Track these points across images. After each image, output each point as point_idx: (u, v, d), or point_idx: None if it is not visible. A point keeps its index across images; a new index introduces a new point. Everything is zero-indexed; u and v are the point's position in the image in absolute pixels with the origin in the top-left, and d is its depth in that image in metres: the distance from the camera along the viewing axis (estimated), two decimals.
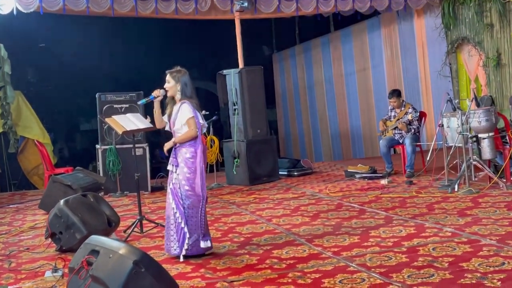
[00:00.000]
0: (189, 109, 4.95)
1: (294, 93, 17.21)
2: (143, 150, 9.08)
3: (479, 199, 6.52)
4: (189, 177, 4.93)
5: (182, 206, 4.92)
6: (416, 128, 8.82)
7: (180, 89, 5.03)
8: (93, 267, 3.49)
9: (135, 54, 18.37)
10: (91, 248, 3.64)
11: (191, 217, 4.94)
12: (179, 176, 4.95)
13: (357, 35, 14.07)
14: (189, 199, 4.94)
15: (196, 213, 4.95)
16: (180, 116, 4.97)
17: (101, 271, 3.44)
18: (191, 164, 4.94)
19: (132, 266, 3.38)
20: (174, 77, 5.06)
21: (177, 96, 5.05)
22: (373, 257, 4.54)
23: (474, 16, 10.68)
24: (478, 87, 10.87)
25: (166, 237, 5.06)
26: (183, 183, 4.93)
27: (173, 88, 5.05)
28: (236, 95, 9.42)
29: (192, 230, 4.92)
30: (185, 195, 4.93)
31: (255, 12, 10.34)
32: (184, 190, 4.93)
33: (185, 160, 4.95)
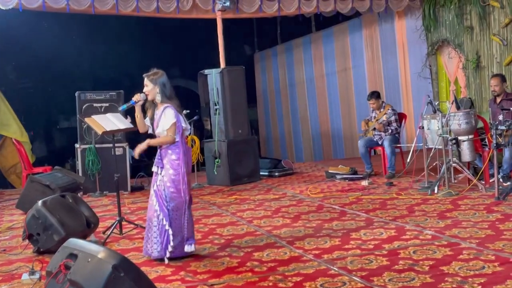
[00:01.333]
0: (172, 114, 4.90)
1: (276, 93, 17.21)
2: (123, 149, 9.00)
3: (458, 201, 6.56)
4: (174, 179, 4.89)
5: (166, 208, 4.87)
6: (394, 129, 8.85)
7: (159, 91, 4.99)
8: (71, 271, 3.43)
9: (116, 53, 18.22)
10: (69, 252, 3.57)
11: (175, 219, 4.90)
12: (164, 178, 4.92)
13: (338, 36, 14.11)
14: (173, 201, 4.90)
15: (180, 215, 4.91)
16: (163, 121, 4.93)
17: (80, 275, 3.39)
18: (176, 166, 4.91)
19: (111, 271, 3.32)
20: (151, 80, 5.01)
21: (157, 98, 5.01)
22: (354, 260, 4.54)
23: (454, 19, 10.75)
24: (458, 89, 10.95)
25: (145, 240, 5.01)
26: (168, 185, 4.89)
27: (152, 91, 5.00)
28: (217, 95, 9.38)
29: (176, 233, 4.88)
30: (169, 197, 4.89)
31: (237, 11, 10.29)
32: (169, 192, 4.89)
33: (170, 162, 4.92)
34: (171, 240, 4.85)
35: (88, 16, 10.59)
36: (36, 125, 18.73)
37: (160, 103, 5.00)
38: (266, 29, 17.30)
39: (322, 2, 10.65)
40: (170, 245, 4.85)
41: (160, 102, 5.00)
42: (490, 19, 10.04)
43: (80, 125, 9.06)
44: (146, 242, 5.01)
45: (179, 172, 4.91)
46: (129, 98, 5.19)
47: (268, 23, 16.40)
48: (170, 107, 4.95)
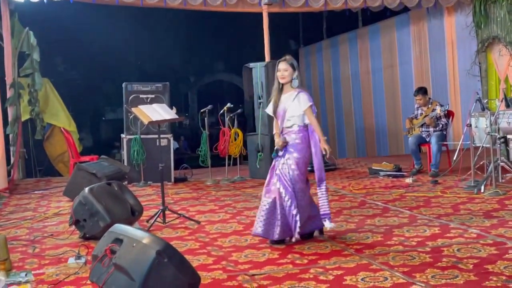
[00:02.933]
0: (308, 98, 5.07)
1: (320, 88, 17.13)
2: (167, 140, 9.12)
3: (505, 201, 6.41)
4: (298, 162, 5.02)
5: (292, 190, 5.01)
6: (444, 124, 8.71)
7: (296, 76, 5.10)
8: (117, 256, 3.50)
9: (162, 45, 18.45)
10: (115, 237, 3.65)
11: (300, 200, 5.04)
12: (288, 161, 5.04)
13: (385, 31, 13.94)
14: (298, 183, 5.03)
15: (304, 196, 5.07)
16: (297, 104, 5.06)
17: (124, 259, 3.45)
18: (300, 149, 5.05)
19: (155, 256, 3.38)
20: (291, 65, 5.11)
21: (293, 83, 5.11)
22: (396, 256, 4.49)
23: (506, 15, 10.48)
24: (508, 87, 10.69)
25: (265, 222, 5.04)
26: (293, 167, 5.02)
27: (290, 75, 5.09)
28: (261, 89, 9.40)
29: (302, 212, 5.02)
30: (294, 179, 5.02)
31: (283, 5, 10.29)
32: (294, 174, 5.02)
33: (295, 145, 5.05)
34: (298, 221, 4.97)
35: (136, 9, 10.77)
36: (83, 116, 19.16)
37: (294, 88, 5.11)
38: (312, 24, 17.23)
39: None
40: (298, 225, 4.96)
41: (295, 87, 5.11)
42: None
43: (127, 115, 9.22)
44: (266, 224, 5.03)
45: (302, 155, 5.04)
46: (174, 90, 5.26)
47: (314, 18, 16.31)
48: (304, 92, 5.11)
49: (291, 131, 5.10)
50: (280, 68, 5.11)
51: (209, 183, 9.05)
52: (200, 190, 8.47)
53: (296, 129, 5.09)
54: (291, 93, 5.11)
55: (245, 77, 9.79)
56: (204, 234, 5.58)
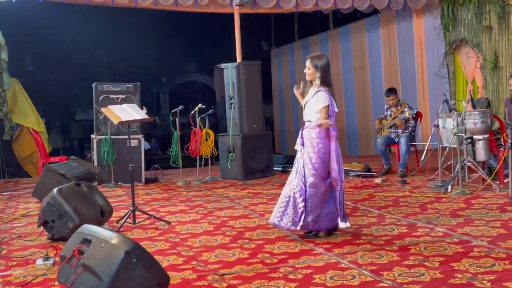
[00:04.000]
0: (325, 98, 5.13)
1: (291, 89, 17.11)
2: (138, 141, 9.08)
3: (472, 201, 6.54)
4: (312, 157, 5.11)
5: (303, 184, 5.11)
6: (412, 126, 8.85)
7: (319, 76, 5.17)
8: (85, 256, 3.49)
9: (134, 45, 18.33)
10: (83, 237, 3.63)
11: (311, 196, 5.10)
12: (304, 155, 5.15)
13: (356, 33, 14.08)
14: (311, 178, 5.09)
15: (316, 192, 5.11)
16: (314, 102, 5.16)
17: (93, 260, 3.44)
18: (316, 144, 5.13)
19: (124, 256, 3.37)
20: (314, 64, 5.20)
21: (316, 82, 5.20)
22: (364, 255, 4.55)
23: (473, 18, 10.69)
24: (475, 89, 10.89)
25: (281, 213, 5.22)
26: (307, 162, 5.12)
27: (312, 74, 5.21)
28: (233, 89, 9.42)
29: (312, 208, 5.10)
30: (307, 174, 5.11)
31: (255, 6, 10.32)
32: (307, 169, 5.11)
33: (310, 140, 5.15)
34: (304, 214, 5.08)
35: (107, 8, 10.69)
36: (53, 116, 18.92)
37: (317, 86, 5.19)
38: (284, 25, 17.33)
39: None
40: (303, 218, 5.08)
41: (319, 85, 5.18)
42: (509, 19, 9.99)
43: (97, 115, 9.15)
44: (280, 213, 5.21)
45: (317, 150, 5.11)
46: (146, 90, 5.27)
47: (286, 19, 16.41)
48: (324, 91, 5.15)
49: (309, 126, 5.22)
50: (306, 66, 5.27)
51: (180, 183, 9.03)
52: (171, 191, 8.45)
53: (313, 125, 5.18)
54: (313, 90, 5.24)
55: (216, 77, 9.79)
56: (175, 235, 5.57)
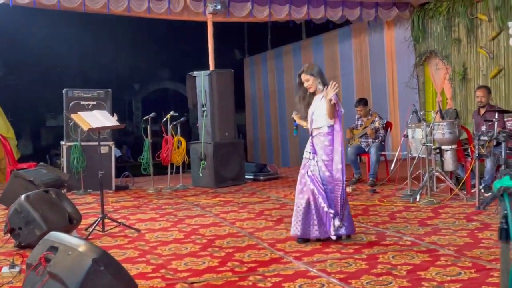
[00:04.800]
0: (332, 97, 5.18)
1: (264, 98, 17.27)
2: (108, 148, 9.01)
3: (439, 210, 6.64)
4: (328, 164, 5.24)
5: (324, 191, 5.20)
6: (382, 136, 8.95)
7: (320, 81, 5.34)
8: (51, 264, 3.44)
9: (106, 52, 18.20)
10: (50, 245, 3.59)
11: (332, 200, 5.22)
12: (318, 163, 5.24)
13: (328, 44, 14.22)
14: (330, 185, 5.22)
15: (336, 197, 5.23)
16: (323, 104, 5.23)
17: (59, 268, 3.40)
18: (329, 151, 5.26)
19: (91, 264, 3.34)
20: (310, 73, 5.35)
21: (319, 88, 5.34)
22: (333, 263, 4.58)
23: (442, 30, 10.88)
24: (444, 100, 11.07)
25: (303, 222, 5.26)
26: (323, 169, 5.23)
27: (313, 83, 5.34)
28: (205, 97, 9.41)
29: (336, 212, 5.20)
30: (326, 181, 5.22)
31: (228, 15, 10.35)
32: (324, 176, 5.23)
33: (323, 148, 5.26)
34: (332, 220, 5.17)
35: (79, 14, 10.61)
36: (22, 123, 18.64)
37: (321, 91, 5.32)
38: (257, 35, 17.41)
39: (313, 9, 10.74)
40: (333, 224, 5.17)
41: (322, 90, 5.30)
42: (477, 32, 10.19)
43: (67, 122, 9.06)
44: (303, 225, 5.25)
45: (331, 157, 5.25)
46: (118, 97, 5.25)
47: (259, 29, 16.49)
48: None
49: (320, 133, 5.30)
50: (303, 81, 5.38)
51: (150, 191, 8.98)
52: (141, 199, 8.39)
53: (325, 131, 5.29)
54: (319, 95, 5.36)
55: (189, 85, 9.78)
56: (144, 243, 5.54)
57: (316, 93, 5.39)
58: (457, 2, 10.44)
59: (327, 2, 10.78)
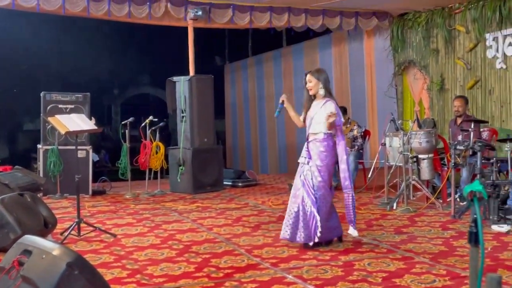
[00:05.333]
0: (334, 107, 5.31)
1: (244, 105, 17.28)
2: (86, 152, 8.94)
3: (415, 218, 6.70)
4: (321, 170, 5.27)
5: (314, 196, 5.24)
6: (360, 145, 9.01)
7: (322, 86, 5.36)
8: (25, 268, 3.40)
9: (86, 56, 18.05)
10: (23, 248, 3.54)
11: (321, 207, 5.25)
12: (312, 168, 5.28)
13: (308, 52, 14.28)
14: (320, 191, 5.25)
15: (326, 203, 5.29)
16: (323, 112, 5.29)
17: (33, 271, 3.35)
18: (324, 157, 5.29)
19: (66, 268, 3.30)
20: (315, 76, 5.40)
21: (320, 93, 5.39)
22: (310, 270, 4.59)
23: (421, 41, 11.01)
24: (422, 110, 11.18)
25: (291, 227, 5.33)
26: (316, 174, 5.26)
27: (315, 86, 5.39)
28: (184, 103, 9.40)
29: (322, 219, 5.23)
30: (317, 186, 5.25)
31: (209, 21, 10.35)
32: (317, 181, 5.26)
33: (318, 153, 5.29)
34: (318, 226, 5.20)
35: (59, 17, 10.52)
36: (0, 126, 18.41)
37: (323, 97, 5.38)
38: (238, 41, 17.42)
39: (293, 17, 10.79)
40: (318, 230, 5.19)
41: (323, 96, 5.37)
42: (455, 43, 10.32)
43: (44, 125, 8.98)
44: (292, 228, 5.31)
45: (325, 163, 5.28)
46: (97, 102, 5.22)
47: (240, 35, 16.52)
48: (332, 101, 5.36)
49: (316, 139, 5.35)
50: (307, 80, 5.44)
51: (128, 196, 8.93)
52: (118, 203, 8.34)
53: (321, 137, 5.33)
54: (320, 101, 5.40)
55: (168, 90, 9.77)
56: (120, 248, 5.50)
57: (316, 98, 5.44)
58: (436, 13, 10.57)
59: (307, 10, 10.83)
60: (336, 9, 11.00)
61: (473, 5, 9.74)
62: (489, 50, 9.60)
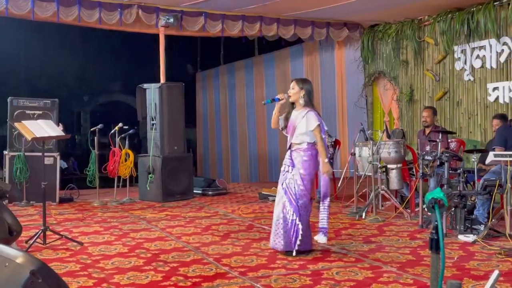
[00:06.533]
0: (316, 117, 5.34)
1: (216, 113, 17.26)
2: (53, 159, 8.80)
3: (384, 227, 6.74)
4: (304, 178, 5.29)
5: (296, 204, 5.27)
6: (330, 154, 9.04)
7: (303, 95, 5.38)
8: None
9: (56, 62, 17.86)
10: None
11: (303, 216, 5.29)
12: (295, 176, 5.31)
13: (280, 61, 14.35)
14: (302, 199, 5.29)
15: (307, 212, 5.34)
16: (305, 122, 5.33)
17: None
18: (307, 166, 5.32)
19: (29, 276, 3.22)
20: (299, 84, 5.42)
21: (300, 102, 5.40)
22: (278, 279, 4.58)
23: (391, 52, 11.15)
24: (391, 120, 11.31)
25: (273, 234, 5.41)
26: (299, 183, 5.29)
27: (296, 94, 5.40)
28: (155, 110, 9.34)
29: (304, 227, 5.27)
30: (299, 194, 5.28)
31: (180, 29, 10.33)
32: (299, 189, 5.28)
33: (302, 162, 5.32)
34: (300, 234, 5.23)
35: (28, 22, 10.39)
36: None
37: (302, 107, 5.38)
38: (210, 49, 17.42)
39: (265, 26, 10.83)
40: (299, 238, 5.23)
41: (303, 106, 5.38)
42: (424, 55, 10.48)
43: (11, 131, 8.82)
44: (274, 235, 5.38)
45: (309, 172, 5.32)
46: (67, 108, 5.14)
47: (212, 43, 16.52)
48: (313, 111, 5.38)
49: (299, 148, 5.37)
50: (291, 86, 5.46)
51: (96, 204, 8.81)
52: (85, 211, 8.22)
53: (304, 147, 5.35)
54: (301, 111, 5.40)
55: (138, 97, 9.70)
56: (86, 256, 5.41)
57: (296, 106, 5.44)
58: (406, 25, 10.72)
59: (279, 20, 10.89)
60: (307, 19, 11.08)
61: (442, 17, 9.90)
62: (457, 62, 9.77)
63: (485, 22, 9.09)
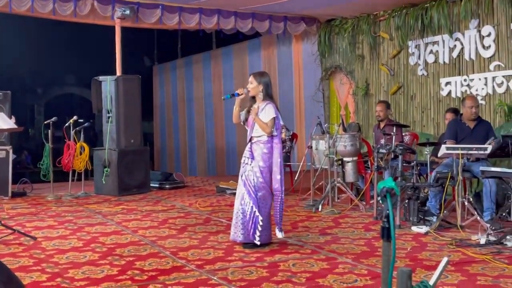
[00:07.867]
0: (273, 110, 5.37)
1: (173, 107, 17.15)
2: (5, 152, 8.60)
3: (340, 220, 6.84)
4: (263, 170, 5.34)
5: (255, 196, 5.30)
6: (288, 147, 9.12)
7: (262, 89, 5.41)
8: None
9: (8, 53, 17.41)
10: None
11: (262, 208, 5.33)
12: (254, 168, 5.35)
13: (237, 54, 14.34)
14: (261, 191, 5.33)
15: (266, 204, 5.37)
16: (263, 115, 5.37)
17: None
18: (267, 159, 5.36)
19: None
20: (257, 78, 5.45)
21: (259, 96, 5.44)
22: (235, 271, 4.60)
23: (347, 47, 11.27)
24: (347, 114, 11.45)
25: (233, 225, 5.45)
26: (258, 175, 5.33)
27: (255, 88, 5.43)
28: (111, 103, 9.22)
29: (264, 219, 5.31)
30: (258, 187, 5.32)
31: (137, 21, 10.21)
32: (258, 182, 5.32)
33: (261, 155, 5.36)
34: (258, 225, 5.29)
35: None
36: None
37: (262, 100, 5.42)
38: (167, 42, 17.27)
39: (223, 19, 10.81)
40: (258, 229, 5.28)
41: (262, 99, 5.42)
42: (379, 50, 10.63)
43: None
44: (234, 227, 5.42)
45: (268, 164, 5.36)
46: (19, 101, 5.03)
47: (169, 36, 16.38)
48: (271, 104, 5.42)
49: (259, 141, 5.41)
50: (249, 81, 5.50)
51: (50, 198, 8.65)
52: (39, 206, 8.07)
53: (264, 139, 5.40)
54: (260, 104, 5.44)
55: (93, 90, 9.55)
56: (40, 251, 5.32)
57: (256, 100, 5.48)
58: (362, 20, 10.86)
59: (237, 13, 10.88)
60: (265, 13, 11.10)
61: (397, 13, 10.06)
62: (411, 57, 9.95)
63: (439, 18, 9.28)
